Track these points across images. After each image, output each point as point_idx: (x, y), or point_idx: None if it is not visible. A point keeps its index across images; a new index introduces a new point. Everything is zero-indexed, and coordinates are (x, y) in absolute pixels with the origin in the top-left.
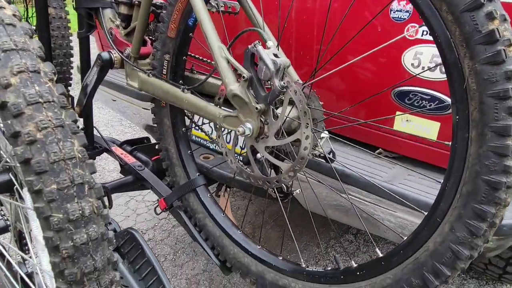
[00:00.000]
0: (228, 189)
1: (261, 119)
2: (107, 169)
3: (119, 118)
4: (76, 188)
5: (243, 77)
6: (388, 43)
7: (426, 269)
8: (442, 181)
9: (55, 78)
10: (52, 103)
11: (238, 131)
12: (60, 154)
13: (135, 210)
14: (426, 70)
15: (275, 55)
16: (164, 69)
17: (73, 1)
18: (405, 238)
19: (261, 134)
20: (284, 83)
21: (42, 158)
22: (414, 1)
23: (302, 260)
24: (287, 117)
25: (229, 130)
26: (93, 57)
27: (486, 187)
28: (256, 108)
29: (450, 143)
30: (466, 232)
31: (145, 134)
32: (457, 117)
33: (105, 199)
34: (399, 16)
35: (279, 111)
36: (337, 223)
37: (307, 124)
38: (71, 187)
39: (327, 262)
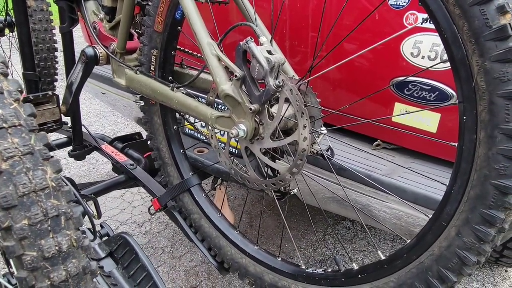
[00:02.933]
0: (224, 182)
1: (256, 119)
2: (100, 161)
3: (111, 109)
4: (51, 222)
5: (236, 75)
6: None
7: (431, 274)
8: (447, 183)
9: (21, 97)
10: (18, 127)
11: (232, 134)
12: (30, 185)
13: (131, 203)
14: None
15: (269, 52)
16: (152, 65)
17: None
18: (409, 240)
19: (256, 135)
20: (279, 82)
21: (9, 191)
22: None
23: (301, 260)
24: (283, 117)
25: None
26: (80, 48)
27: (495, 191)
28: (250, 108)
29: (456, 144)
30: (474, 238)
31: (137, 126)
32: (464, 117)
33: (93, 208)
34: (398, 3)
35: (274, 109)
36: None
37: (305, 125)
38: (45, 221)
39: (325, 250)
